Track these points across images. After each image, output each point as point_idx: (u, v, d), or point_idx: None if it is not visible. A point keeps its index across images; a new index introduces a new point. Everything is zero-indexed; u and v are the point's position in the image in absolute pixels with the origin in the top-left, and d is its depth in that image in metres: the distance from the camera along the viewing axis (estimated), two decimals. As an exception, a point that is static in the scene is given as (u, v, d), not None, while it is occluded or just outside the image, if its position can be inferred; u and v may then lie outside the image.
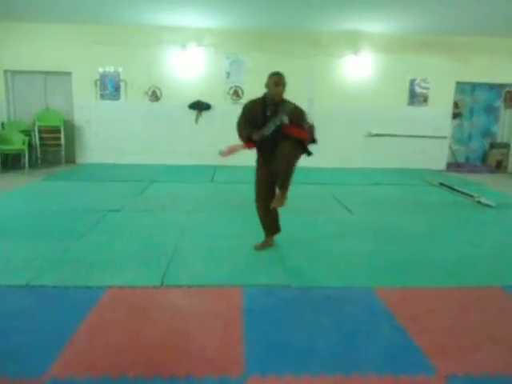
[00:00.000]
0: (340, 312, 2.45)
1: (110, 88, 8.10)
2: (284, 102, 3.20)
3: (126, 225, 4.06)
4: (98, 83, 8.03)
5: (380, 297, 2.65)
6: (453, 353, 2.06)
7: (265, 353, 1.99)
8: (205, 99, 8.05)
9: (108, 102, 8.10)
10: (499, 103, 8.61)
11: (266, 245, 3.48)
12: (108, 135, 8.14)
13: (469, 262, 3.31)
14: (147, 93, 8.09)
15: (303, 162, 3.30)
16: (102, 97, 8.10)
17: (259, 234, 3.52)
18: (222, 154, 3.44)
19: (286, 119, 3.08)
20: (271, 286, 2.76)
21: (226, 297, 2.56)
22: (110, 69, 8.02)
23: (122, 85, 8.07)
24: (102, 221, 4.13)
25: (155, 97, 8.13)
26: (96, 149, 8.19)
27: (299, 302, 2.56)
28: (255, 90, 7.94)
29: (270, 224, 3.46)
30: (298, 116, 3.13)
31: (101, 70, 7.99)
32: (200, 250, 3.41)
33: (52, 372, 1.78)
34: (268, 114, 3.18)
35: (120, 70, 8.02)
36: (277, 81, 3.13)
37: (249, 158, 8.64)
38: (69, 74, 7.96)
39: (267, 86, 3.22)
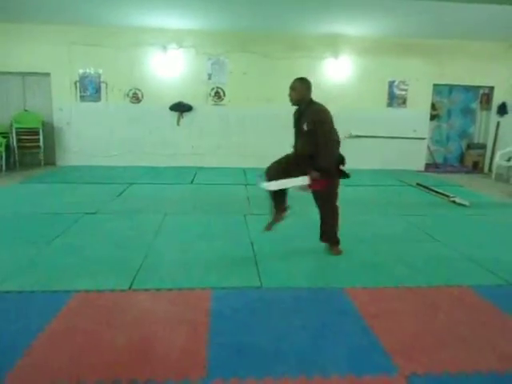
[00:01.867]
0: (309, 313, 2.45)
1: (91, 90, 8.01)
2: (310, 105, 3.24)
3: (100, 228, 4.01)
4: (78, 85, 7.93)
5: (349, 297, 2.67)
6: (416, 352, 2.09)
7: (229, 356, 1.98)
8: (186, 101, 8.02)
9: (88, 104, 8.01)
10: (475, 105, 8.78)
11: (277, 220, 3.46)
12: (89, 137, 8.04)
13: (440, 262, 3.36)
14: (128, 94, 8.03)
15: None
16: (83, 98, 8.00)
17: (235, 236, 3.52)
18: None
19: (305, 127, 3.16)
20: (241, 287, 2.75)
21: (194, 300, 2.54)
22: (90, 70, 7.93)
23: (103, 86, 7.99)
24: (76, 224, 4.07)
25: (136, 98, 8.06)
26: (77, 151, 8.08)
27: (269, 304, 2.55)
28: (237, 91, 8.12)
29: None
30: (316, 122, 3.12)
31: (81, 71, 7.90)
32: (173, 252, 3.38)
33: (6, 382, 1.74)
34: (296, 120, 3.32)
35: (100, 71, 7.93)
36: (290, 85, 3.26)
37: (229, 159, 8.63)
38: (47, 75, 7.84)
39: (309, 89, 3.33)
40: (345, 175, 3.30)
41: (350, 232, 4.07)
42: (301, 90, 3.24)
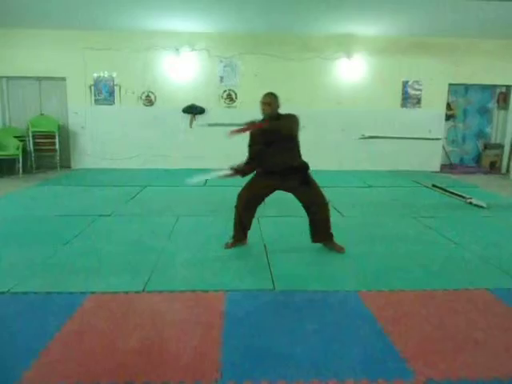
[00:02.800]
0: (322, 316, 2.43)
1: (105, 93, 8.12)
2: (281, 115, 3.37)
3: (115, 229, 4.05)
4: (93, 88, 8.05)
5: (364, 300, 2.63)
6: (433, 357, 2.04)
7: (242, 359, 1.98)
8: (199, 103, 8.06)
9: (102, 107, 8.12)
10: (492, 104, 8.61)
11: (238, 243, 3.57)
12: (103, 140, 8.15)
13: (456, 264, 3.29)
14: (141, 97, 8.11)
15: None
16: (97, 102, 8.12)
17: (248, 238, 3.51)
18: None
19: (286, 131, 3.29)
20: (255, 290, 2.74)
21: (207, 302, 2.55)
22: (104, 74, 8.04)
23: (116, 90, 8.09)
24: (91, 226, 4.12)
25: (149, 101, 8.14)
26: (91, 154, 8.20)
27: (282, 307, 2.54)
28: (249, 93, 8.12)
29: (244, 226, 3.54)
30: (294, 126, 3.32)
31: (95, 75, 8.01)
32: (187, 254, 3.39)
33: (22, 381, 1.77)
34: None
35: (114, 74, 8.04)
36: (263, 100, 3.35)
37: (242, 160, 8.61)
38: (63, 79, 7.98)
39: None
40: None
41: (365, 234, 4.04)
42: (275, 104, 3.34)
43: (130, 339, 2.11)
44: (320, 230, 3.47)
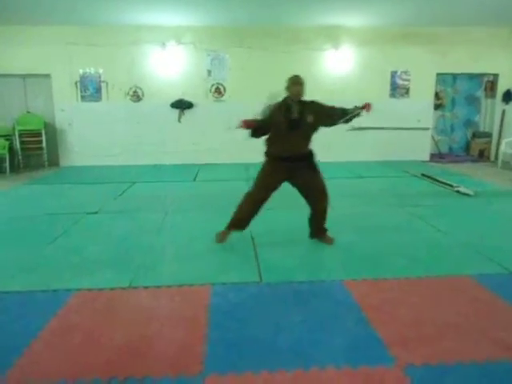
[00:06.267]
0: (307, 306, 2.45)
1: (91, 89, 8.03)
2: (304, 100, 3.24)
3: (102, 227, 4.04)
4: (79, 85, 7.96)
5: (349, 289, 2.66)
6: (414, 343, 2.08)
7: (226, 351, 1.99)
8: (187, 98, 8.01)
9: (89, 104, 8.03)
10: (480, 93, 8.65)
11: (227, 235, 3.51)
12: (91, 137, 8.08)
13: (442, 252, 3.33)
14: (128, 93, 8.04)
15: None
16: (84, 98, 8.03)
17: (235, 233, 3.51)
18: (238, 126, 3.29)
19: (310, 119, 3.18)
20: (242, 283, 2.76)
21: (193, 296, 2.56)
22: (90, 70, 7.94)
23: (103, 86, 8.00)
24: (78, 223, 4.10)
25: (137, 97, 8.07)
26: (79, 151, 8.13)
27: (268, 298, 2.56)
28: (237, 86, 8.08)
29: (249, 219, 3.45)
30: (319, 108, 3.27)
31: (81, 71, 7.92)
32: (174, 249, 3.40)
33: (6, 379, 1.77)
34: (295, 116, 3.18)
35: (100, 70, 7.95)
36: (296, 80, 3.17)
37: (232, 155, 8.65)
38: (48, 76, 7.87)
39: (287, 87, 3.22)
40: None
41: (353, 224, 4.07)
42: (304, 85, 3.22)
43: (115, 335, 2.11)
44: (319, 222, 3.46)
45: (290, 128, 3.15)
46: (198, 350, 1.99)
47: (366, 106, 3.24)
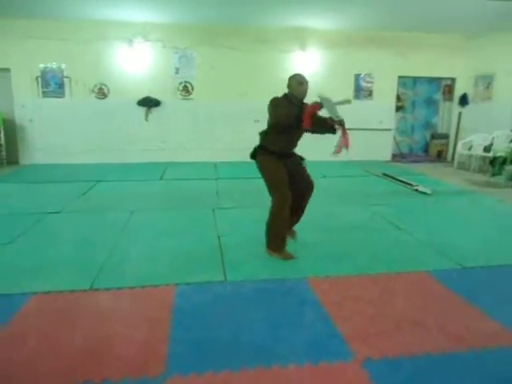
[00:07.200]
0: (270, 304, 2.49)
1: (53, 85, 7.74)
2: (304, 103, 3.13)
3: (64, 227, 3.92)
4: (40, 80, 7.66)
5: (311, 286, 2.73)
6: (373, 338, 2.16)
7: (188, 351, 2.00)
8: (154, 95, 7.89)
9: (52, 100, 7.74)
10: (438, 96, 9.04)
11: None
12: (54, 134, 7.79)
13: (400, 249, 3.47)
14: (93, 90, 7.81)
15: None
16: (45, 94, 7.73)
17: (203, 231, 3.51)
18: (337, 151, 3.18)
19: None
20: (206, 282, 2.76)
21: (156, 297, 2.54)
22: (52, 65, 7.66)
23: (66, 82, 7.74)
24: (38, 224, 3.96)
25: (102, 94, 7.86)
26: (41, 149, 7.82)
27: (232, 297, 2.58)
28: (205, 85, 8.04)
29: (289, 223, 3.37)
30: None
31: (42, 65, 7.62)
32: (138, 250, 3.35)
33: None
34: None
35: (63, 66, 7.68)
36: (299, 80, 3.11)
37: (200, 153, 8.61)
38: (7, 70, 7.52)
39: (290, 86, 3.16)
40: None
41: (317, 222, 4.15)
42: (307, 82, 3.21)
43: (74, 339, 2.07)
44: (299, 217, 3.52)
45: (298, 126, 3.01)
46: (159, 351, 1.98)
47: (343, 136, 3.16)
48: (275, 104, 3.09)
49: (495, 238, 3.79)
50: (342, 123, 3.10)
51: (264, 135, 3.26)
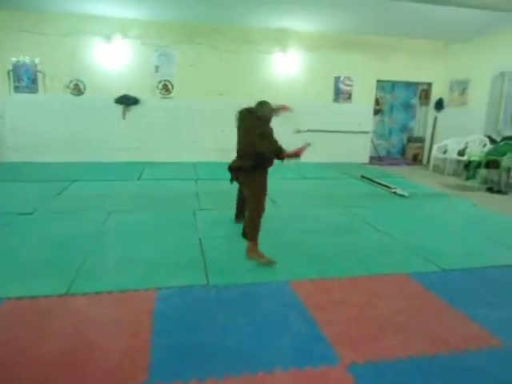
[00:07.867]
0: (254, 308, 2.46)
1: (26, 80, 7.45)
2: None
3: (37, 229, 3.76)
4: (12, 74, 7.35)
5: (295, 290, 2.71)
6: (357, 342, 2.16)
7: (171, 358, 1.94)
8: (132, 93, 7.72)
9: (24, 96, 7.45)
10: (415, 100, 9.26)
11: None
12: (26, 131, 7.49)
13: (380, 251, 3.50)
14: (69, 86, 7.57)
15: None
16: (17, 89, 7.43)
17: (183, 234, 3.44)
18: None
19: None
20: (188, 286, 2.70)
21: (136, 302, 2.46)
22: (25, 59, 7.37)
23: (40, 76, 7.46)
24: (9, 226, 3.78)
25: (78, 90, 7.63)
26: (13, 146, 7.51)
27: (214, 301, 2.53)
28: (185, 84, 7.92)
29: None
30: None
31: (14, 59, 7.32)
32: (116, 252, 3.25)
33: None
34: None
35: (36, 60, 7.40)
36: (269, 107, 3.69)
37: (179, 153, 8.49)
38: (-25, 63, 7.20)
39: (262, 111, 3.62)
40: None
41: (297, 224, 4.16)
42: None
43: (50, 348, 1.97)
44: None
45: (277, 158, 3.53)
46: (141, 359, 1.91)
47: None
48: (260, 133, 3.34)
49: (471, 241, 3.88)
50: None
51: (254, 156, 3.31)
